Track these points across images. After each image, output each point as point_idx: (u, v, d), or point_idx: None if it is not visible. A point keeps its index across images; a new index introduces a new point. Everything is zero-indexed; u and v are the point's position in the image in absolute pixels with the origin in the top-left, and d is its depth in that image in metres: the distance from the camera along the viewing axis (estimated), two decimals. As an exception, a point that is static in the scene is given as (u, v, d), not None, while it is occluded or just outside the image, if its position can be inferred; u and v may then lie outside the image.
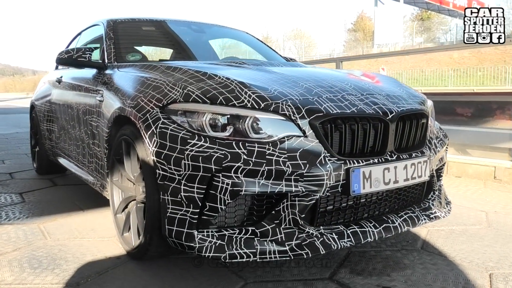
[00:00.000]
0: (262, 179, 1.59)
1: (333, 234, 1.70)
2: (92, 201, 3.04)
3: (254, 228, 1.66)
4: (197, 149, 1.61)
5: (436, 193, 2.13)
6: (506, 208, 2.76)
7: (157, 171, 1.70)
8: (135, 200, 2.01)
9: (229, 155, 1.59)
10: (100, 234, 2.36)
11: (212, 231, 1.64)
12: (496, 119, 4.13)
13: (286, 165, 1.59)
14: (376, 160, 1.74)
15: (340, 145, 1.69)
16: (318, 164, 1.62)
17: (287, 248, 1.63)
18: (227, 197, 1.59)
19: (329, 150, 1.66)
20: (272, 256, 1.62)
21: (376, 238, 1.76)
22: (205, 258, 1.94)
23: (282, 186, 1.59)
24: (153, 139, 1.73)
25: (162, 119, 1.74)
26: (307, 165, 1.61)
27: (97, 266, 1.91)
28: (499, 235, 2.27)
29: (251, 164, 1.58)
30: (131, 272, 1.86)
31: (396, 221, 1.86)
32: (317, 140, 1.65)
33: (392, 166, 1.77)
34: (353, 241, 1.71)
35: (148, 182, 1.79)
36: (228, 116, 1.65)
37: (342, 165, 1.65)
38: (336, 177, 1.64)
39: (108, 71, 2.54)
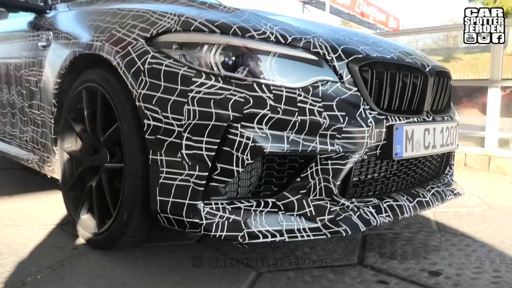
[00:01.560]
0: (292, 133, 1.20)
1: (370, 207, 1.36)
2: (21, 185, 2.41)
3: (274, 200, 1.26)
4: (207, 91, 1.18)
5: (453, 168, 1.90)
6: (494, 192, 2.63)
7: (146, 121, 1.23)
8: (99, 170, 1.51)
9: (251, 99, 1.17)
10: (41, 221, 1.79)
11: (223, 203, 1.22)
12: (464, 108, 4.13)
13: (323, 116, 1.22)
14: (415, 119, 1.44)
15: (379, 97, 1.36)
16: (358, 118, 1.27)
17: (319, 224, 1.25)
18: (246, 156, 1.17)
19: (369, 101, 1.32)
20: (304, 234, 1.23)
21: (412, 214, 1.46)
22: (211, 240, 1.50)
23: (316, 143, 1.21)
24: (140, 79, 1.26)
25: (152, 53, 1.27)
26: (346, 118, 1.25)
27: (46, 259, 1.37)
28: (508, 216, 2.09)
29: (280, 112, 1.18)
30: (97, 265, 1.35)
31: (426, 195, 1.57)
32: (356, 88, 1.30)
33: (431, 128, 1.49)
34: (391, 216, 1.38)
35: (128, 139, 1.31)
36: (246, 50, 1.24)
37: (384, 121, 1.32)
38: (377, 136, 1.30)
39: (53, 13, 1.97)
